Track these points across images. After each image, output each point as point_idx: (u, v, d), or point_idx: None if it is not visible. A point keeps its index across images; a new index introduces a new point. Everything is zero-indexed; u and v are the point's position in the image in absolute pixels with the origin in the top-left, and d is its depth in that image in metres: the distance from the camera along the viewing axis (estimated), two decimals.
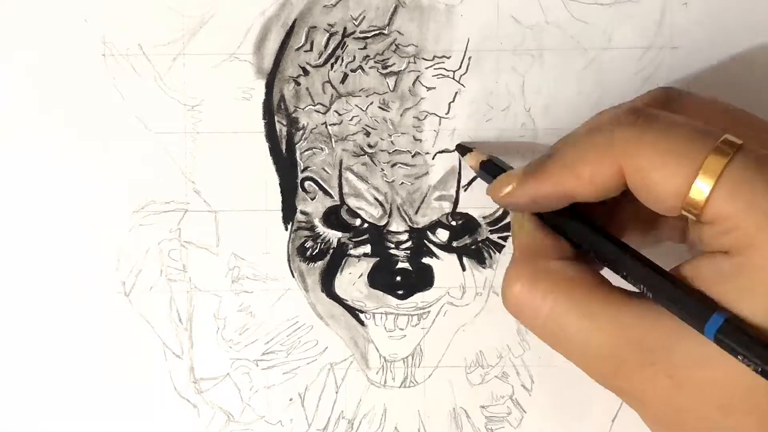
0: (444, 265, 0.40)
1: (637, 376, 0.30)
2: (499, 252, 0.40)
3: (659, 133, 0.29)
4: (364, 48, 0.39)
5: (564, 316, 0.31)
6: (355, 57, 0.39)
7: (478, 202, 0.40)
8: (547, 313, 0.31)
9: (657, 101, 0.34)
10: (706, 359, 0.29)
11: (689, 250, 0.34)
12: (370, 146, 0.39)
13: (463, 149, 0.38)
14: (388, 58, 0.39)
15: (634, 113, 0.31)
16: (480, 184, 0.39)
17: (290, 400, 0.40)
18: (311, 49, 0.39)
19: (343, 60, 0.39)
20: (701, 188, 0.28)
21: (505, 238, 0.40)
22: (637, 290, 0.31)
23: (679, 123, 0.30)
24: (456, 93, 0.39)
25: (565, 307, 0.31)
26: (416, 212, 0.40)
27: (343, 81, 0.39)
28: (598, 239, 0.32)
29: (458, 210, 0.40)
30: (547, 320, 0.31)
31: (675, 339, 0.29)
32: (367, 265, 0.40)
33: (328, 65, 0.39)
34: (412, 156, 0.39)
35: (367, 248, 0.40)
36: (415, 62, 0.39)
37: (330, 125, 0.39)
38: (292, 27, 0.39)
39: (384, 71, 0.39)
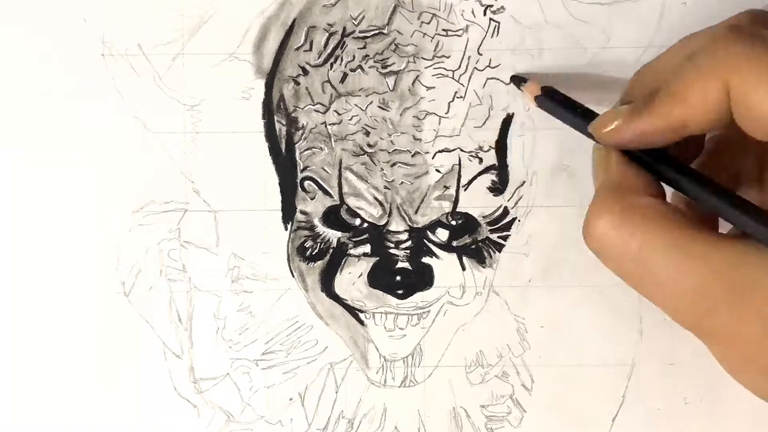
0: (444, 265, 0.40)
1: (726, 318, 0.29)
2: (499, 251, 0.40)
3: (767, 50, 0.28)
4: (364, 47, 0.39)
5: (654, 253, 0.29)
6: (354, 56, 0.39)
7: (478, 202, 0.40)
8: (636, 250, 0.30)
9: (756, 20, 0.33)
10: None
11: None
12: (369, 146, 0.39)
13: (518, 80, 0.38)
14: (388, 58, 0.39)
15: (736, 31, 0.30)
16: (479, 184, 0.40)
17: (290, 399, 0.40)
18: (311, 49, 0.39)
19: (342, 59, 0.39)
20: None
21: (504, 238, 0.40)
22: (725, 232, 0.31)
23: None
24: (455, 92, 0.39)
25: (657, 244, 0.29)
26: (416, 212, 0.40)
27: (342, 80, 0.39)
28: (691, 176, 0.32)
29: (458, 209, 0.40)
30: (636, 258, 0.30)
31: (767, 282, 0.28)
32: (366, 264, 0.40)
33: (328, 65, 0.39)
34: (412, 155, 0.39)
35: (367, 248, 0.40)
36: (414, 62, 0.39)
37: (329, 125, 0.39)
38: (292, 26, 0.39)
39: (383, 71, 0.39)
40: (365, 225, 0.40)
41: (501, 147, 0.40)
